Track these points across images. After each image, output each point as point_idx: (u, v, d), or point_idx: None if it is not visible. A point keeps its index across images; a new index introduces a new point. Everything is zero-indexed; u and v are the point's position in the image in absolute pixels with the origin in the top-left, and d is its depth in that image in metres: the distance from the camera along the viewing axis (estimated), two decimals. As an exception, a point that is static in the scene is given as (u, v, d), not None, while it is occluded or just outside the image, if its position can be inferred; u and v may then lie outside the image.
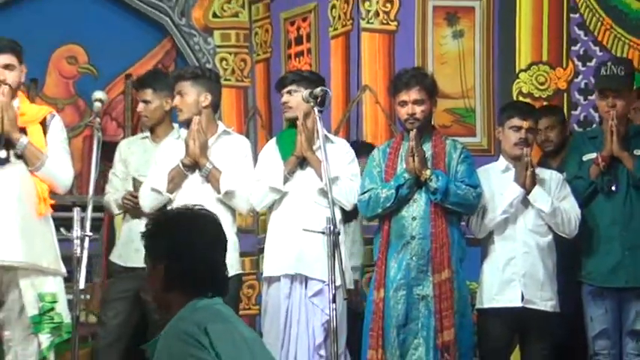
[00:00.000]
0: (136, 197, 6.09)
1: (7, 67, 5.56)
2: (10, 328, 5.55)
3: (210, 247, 3.26)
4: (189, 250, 3.21)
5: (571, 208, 5.91)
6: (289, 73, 6.58)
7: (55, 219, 5.72)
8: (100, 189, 6.38)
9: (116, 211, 6.36)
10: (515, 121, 5.95)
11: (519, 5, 7.21)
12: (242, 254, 6.22)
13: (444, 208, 5.76)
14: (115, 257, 6.35)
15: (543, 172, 6.03)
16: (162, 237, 3.26)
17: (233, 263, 5.75)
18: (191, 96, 5.98)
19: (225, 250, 3.33)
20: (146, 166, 6.33)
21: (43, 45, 7.70)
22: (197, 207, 3.36)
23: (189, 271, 3.19)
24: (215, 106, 6.15)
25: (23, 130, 5.57)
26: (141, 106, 6.51)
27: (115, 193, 6.34)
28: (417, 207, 5.79)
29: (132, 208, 6.24)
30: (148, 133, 6.63)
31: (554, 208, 5.85)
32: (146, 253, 3.31)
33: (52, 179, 5.64)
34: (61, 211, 5.85)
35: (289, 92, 5.97)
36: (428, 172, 5.72)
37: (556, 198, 5.92)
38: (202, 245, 3.23)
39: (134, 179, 6.27)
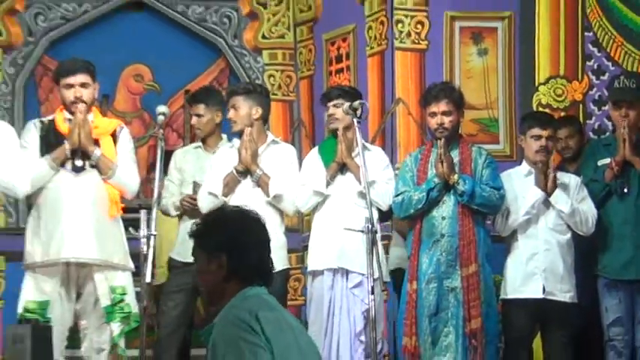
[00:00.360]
0: (195, 200, 6.10)
1: (82, 85, 5.62)
2: (86, 318, 5.64)
3: (258, 243, 3.26)
4: (244, 244, 3.21)
5: (588, 209, 5.90)
6: (333, 88, 6.56)
7: (124, 220, 5.81)
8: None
9: (173, 213, 6.38)
10: (536, 131, 5.94)
11: (538, 25, 7.14)
12: (289, 251, 6.21)
13: (471, 209, 5.77)
14: (174, 254, 6.36)
15: (563, 176, 6.00)
16: (218, 232, 3.25)
17: (281, 259, 5.84)
18: (244, 109, 5.99)
19: (269, 247, 3.30)
20: (200, 173, 6.34)
21: (114, 64, 7.74)
22: (245, 208, 3.37)
23: (245, 263, 3.19)
24: (264, 118, 6.17)
25: (96, 142, 5.64)
26: (194, 120, 6.54)
27: (171, 197, 6.35)
28: (446, 208, 5.81)
29: (190, 210, 6.25)
30: (200, 143, 6.62)
31: (573, 209, 5.85)
32: (199, 248, 3.30)
33: (122, 186, 5.71)
34: (130, 212, 5.88)
35: (335, 105, 5.97)
36: (455, 176, 5.74)
37: (575, 200, 5.91)
38: (253, 240, 3.24)
39: (195, 183, 6.27)
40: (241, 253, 3.20)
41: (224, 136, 6.54)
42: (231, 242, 3.21)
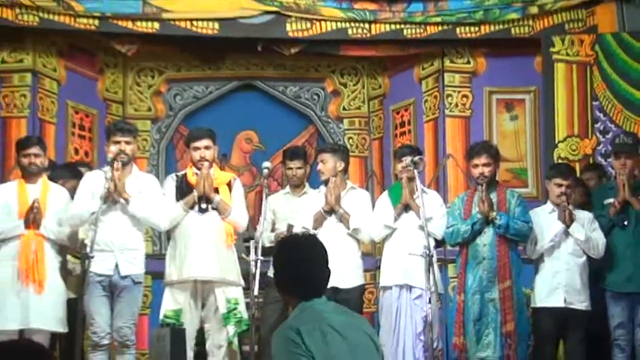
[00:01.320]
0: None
1: (206, 147, 5.74)
2: (209, 322, 5.72)
3: (309, 262, 3.00)
4: (288, 265, 3.01)
5: (599, 238, 5.88)
6: (404, 146, 6.50)
7: (239, 248, 5.90)
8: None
9: (267, 244, 6.08)
10: (559, 180, 5.94)
11: (557, 97, 7.07)
12: (364, 270, 6.22)
13: (506, 238, 5.81)
14: (270, 273, 6.25)
15: (579, 213, 5.97)
16: (275, 257, 3.09)
17: (358, 277, 6.00)
18: (330, 163, 6.04)
19: (327, 264, 3.03)
20: (290, 213, 6.35)
21: (230, 131, 7.77)
22: (307, 234, 3.20)
23: (289, 280, 3.01)
24: (345, 170, 6.19)
25: (216, 190, 5.72)
26: (295, 171, 6.48)
27: (265, 232, 6.08)
28: (487, 237, 5.84)
29: None
30: (288, 189, 6.58)
31: (587, 238, 5.84)
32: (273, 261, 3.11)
33: (235, 223, 5.78)
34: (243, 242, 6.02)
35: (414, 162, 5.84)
36: (494, 213, 5.79)
37: (588, 230, 5.89)
38: (300, 261, 2.99)
39: (288, 225, 6.16)
40: (286, 273, 3.01)
41: (307, 184, 6.58)
42: (278, 263, 3.05)
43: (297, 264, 3.00)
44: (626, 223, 6.02)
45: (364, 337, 2.99)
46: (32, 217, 5.50)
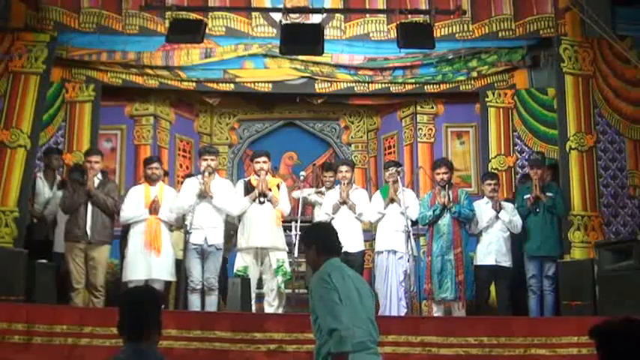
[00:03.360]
0: None
1: (264, 162, 5.63)
2: (265, 274, 5.58)
3: (333, 236, 3.07)
4: (323, 237, 3.06)
5: (517, 221, 5.77)
6: (390, 161, 6.36)
7: (283, 226, 5.73)
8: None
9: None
10: (487, 181, 5.88)
11: (490, 129, 6.81)
12: (365, 241, 6.05)
13: (458, 220, 5.69)
14: None
15: (505, 204, 5.88)
16: (312, 232, 3.16)
17: (361, 245, 5.86)
18: (348, 173, 5.90)
19: (337, 238, 3.07)
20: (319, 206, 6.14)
21: (279, 152, 7.61)
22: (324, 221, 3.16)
23: (327, 246, 3.03)
24: (353, 178, 6.07)
25: (270, 190, 5.62)
26: (326, 179, 6.20)
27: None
28: (446, 220, 5.71)
29: None
30: (324, 189, 6.22)
31: (510, 220, 5.75)
32: (304, 241, 3.16)
33: (282, 211, 5.66)
34: (285, 222, 5.84)
35: (397, 171, 5.89)
36: (450, 204, 5.68)
37: (511, 215, 5.77)
38: (328, 234, 3.08)
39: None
40: (324, 241, 3.04)
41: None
42: (315, 234, 3.10)
43: (327, 236, 3.07)
44: (538, 210, 5.90)
45: (364, 284, 3.05)
46: (153, 207, 5.54)
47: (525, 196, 5.96)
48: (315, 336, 2.93)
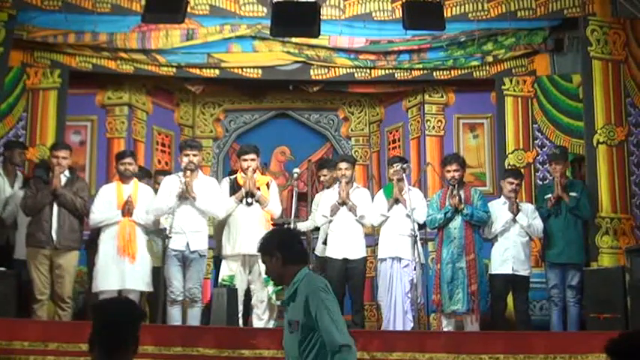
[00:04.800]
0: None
1: (252, 159, 5.64)
2: (254, 283, 5.61)
3: (298, 243, 3.03)
4: (287, 245, 2.99)
5: (538, 224, 5.77)
6: (395, 156, 6.37)
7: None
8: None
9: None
10: (510, 179, 5.83)
11: (507, 121, 6.76)
12: (366, 246, 6.03)
13: (471, 223, 5.69)
14: (318, 251, 6.20)
15: (524, 205, 5.88)
16: (274, 240, 3.02)
17: (362, 250, 5.87)
18: (348, 171, 5.90)
19: (302, 244, 3.05)
20: (316, 206, 6.25)
21: (270, 146, 7.64)
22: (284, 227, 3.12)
23: (293, 254, 2.98)
24: (353, 175, 6.06)
25: (258, 189, 5.64)
26: (323, 178, 6.32)
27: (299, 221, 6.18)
28: (457, 222, 5.71)
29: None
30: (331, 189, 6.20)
31: (529, 224, 5.73)
32: (263, 250, 3.02)
33: (272, 212, 5.69)
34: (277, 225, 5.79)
35: (402, 168, 5.82)
36: (462, 205, 5.68)
37: (531, 218, 5.76)
38: (294, 241, 3.02)
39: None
40: (291, 249, 2.98)
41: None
42: (283, 243, 3.00)
43: (292, 243, 3.02)
44: (560, 212, 5.89)
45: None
46: (126, 209, 5.52)
47: (546, 196, 5.95)
48: (298, 354, 2.89)
